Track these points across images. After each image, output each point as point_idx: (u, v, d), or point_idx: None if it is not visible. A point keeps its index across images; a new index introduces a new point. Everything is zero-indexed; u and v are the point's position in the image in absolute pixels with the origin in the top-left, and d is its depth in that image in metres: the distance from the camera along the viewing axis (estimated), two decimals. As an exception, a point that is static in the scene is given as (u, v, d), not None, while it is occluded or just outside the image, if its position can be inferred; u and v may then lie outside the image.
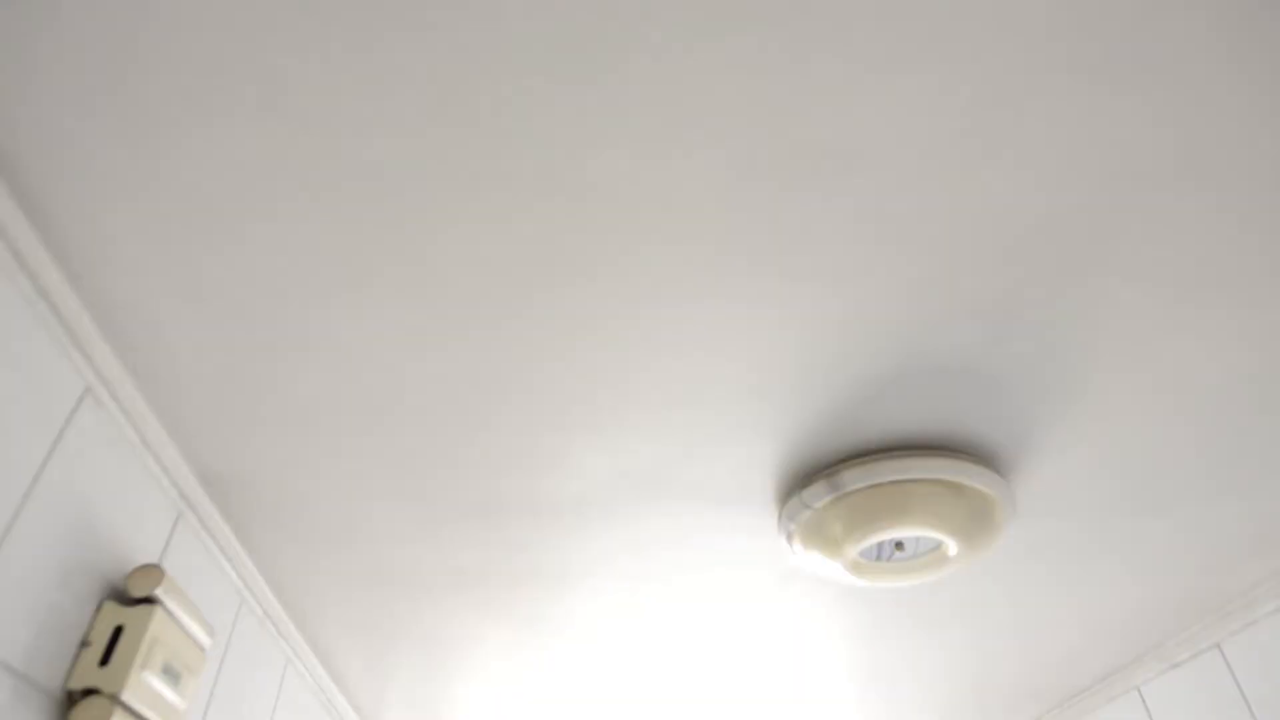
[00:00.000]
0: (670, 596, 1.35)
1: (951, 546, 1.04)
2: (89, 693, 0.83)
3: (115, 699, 0.82)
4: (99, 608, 0.88)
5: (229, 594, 1.21)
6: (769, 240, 0.74)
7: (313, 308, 0.81)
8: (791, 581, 1.30)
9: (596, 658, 1.59)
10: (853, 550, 1.04)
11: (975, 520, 1.02)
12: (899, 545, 1.06)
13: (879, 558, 1.09)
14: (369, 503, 1.11)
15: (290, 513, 1.13)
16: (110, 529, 0.91)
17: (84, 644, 0.85)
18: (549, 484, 1.06)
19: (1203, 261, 0.79)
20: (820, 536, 1.06)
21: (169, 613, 0.91)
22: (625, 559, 1.24)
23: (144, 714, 0.87)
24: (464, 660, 1.63)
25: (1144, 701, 1.72)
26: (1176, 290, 0.82)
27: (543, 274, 0.77)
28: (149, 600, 0.89)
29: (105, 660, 0.84)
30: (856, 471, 0.97)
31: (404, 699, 1.84)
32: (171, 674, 0.92)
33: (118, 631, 0.86)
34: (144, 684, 0.86)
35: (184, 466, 1.03)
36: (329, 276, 0.77)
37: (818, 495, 0.99)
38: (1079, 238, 0.75)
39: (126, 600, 0.90)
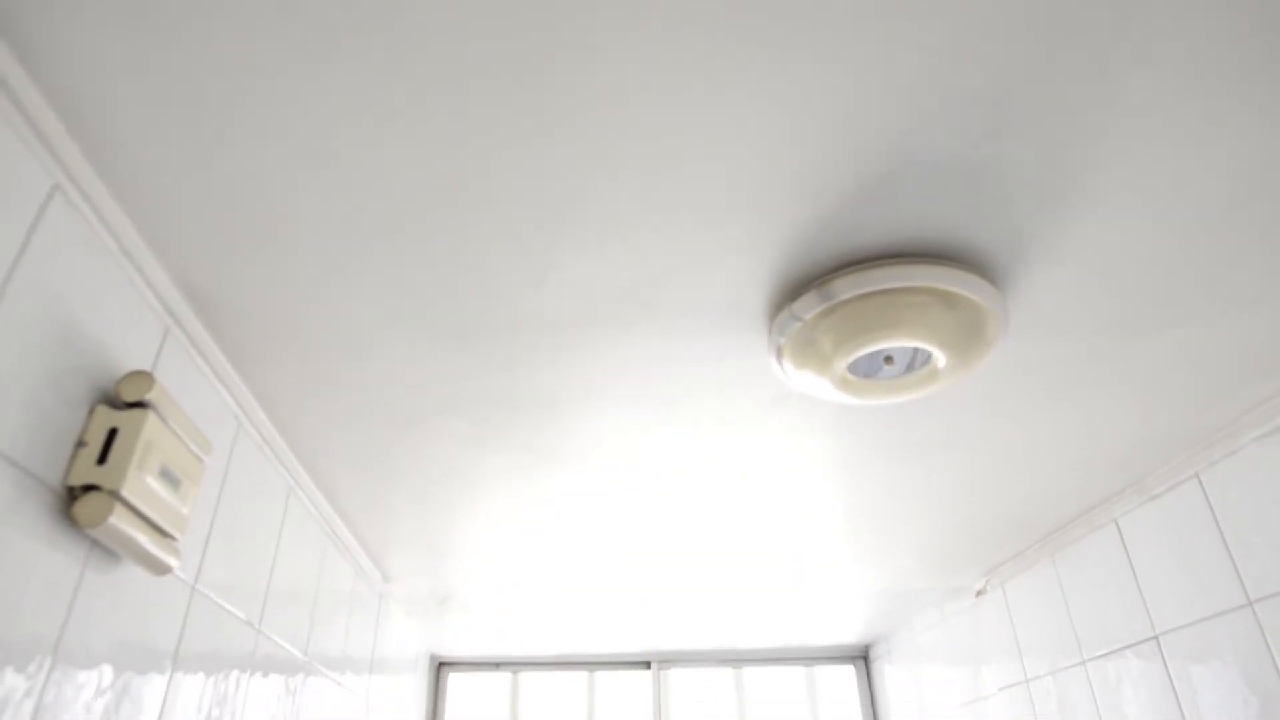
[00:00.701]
0: (662, 423, 1.37)
1: (941, 359, 1.04)
2: (89, 489, 0.85)
3: (115, 495, 0.84)
4: (91, 411, 0.89)
5: (225, 417, 1.23)
6: (765, 17, 0.70)
7: (288, 104, 0.77)
8: (782, 405, 1.31)
9: (591, 488, 1.64)
10: (842, 364, 1.05)
11: (966, 333, 1.01)
12: (888, 359, 1.06)
13: (868, 375, 1.10)
14: (361, 326, 1.10)
15: (283, 336, 1.12)
16: (97, 337, 0.91)
17: (80, 444, 0.86)
18: (539, 302, 1.05)
19: (1220, 53, 0.75)
20: (810, 352, 1.06)
21: (162, 419, 0.92)
22: (616, 384, 1.25)
23: (146, 512, 0.89)
24: (464, 497, 1.67)
25: (1120, 533, 1.79)
26: (1188, 83, 0.78)
27: (521, 71, 0.73)
28: (141, 405, 0.90)
29: (102, 460, 0.86)
30: (848, 280, 0.96)
31: (408, 538, 1.91)
32: (170, 479, 0.94)
33: (112, 434, 0.88)
34: (143, 484, 0.88)
35: (168, 281, 1.02)
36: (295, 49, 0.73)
37: (808, 306, 0.99)
38: (1096, 8, 0.71)
39: (118, 405, 0.91)
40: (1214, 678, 1.52)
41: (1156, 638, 1.67)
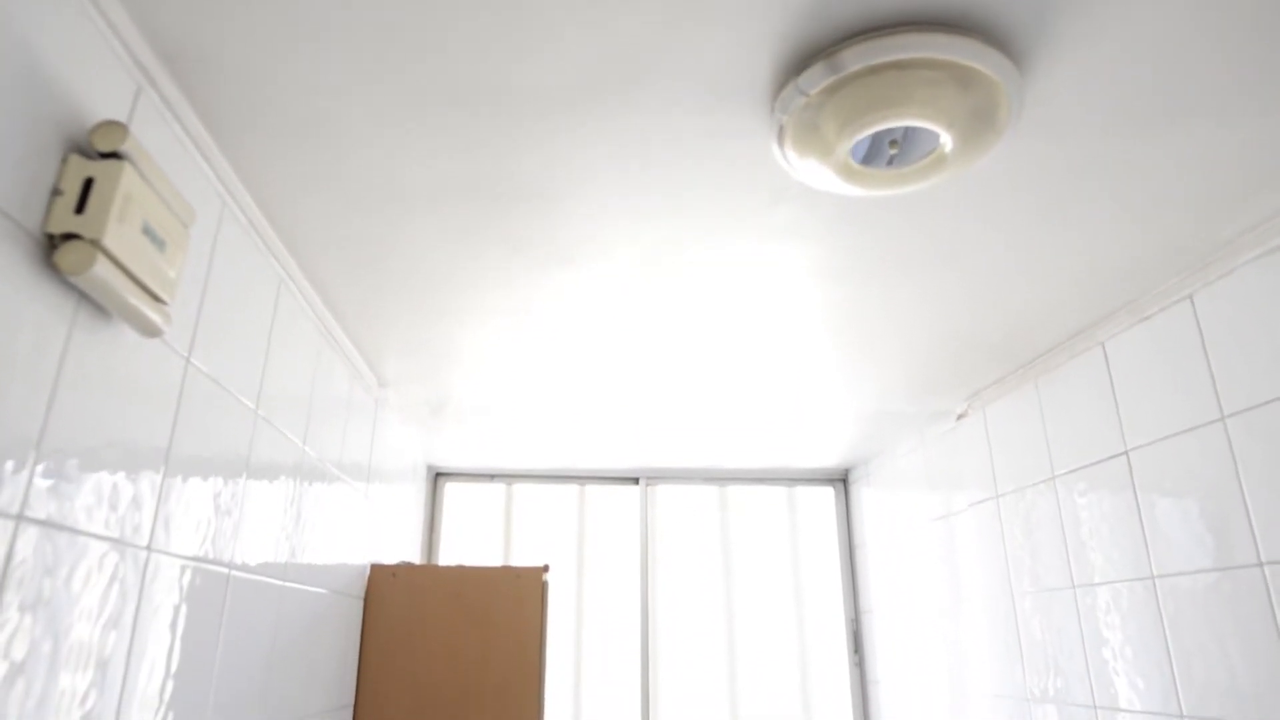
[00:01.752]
0: (656, 215, 1.34)
1: (949, 144, 1.01)
2: (69, 238, 0.83)
3: (97, 244, 0.83)
4: (65, 160, 0.85)
5: (209, 196, 1.19)
6: None
7: None
8: (780, 201, 1.28)
9: (583, 290, 1.63)
10: (846, 147, 1.01)
11: (978, 116, 0.97)
12: (893, 144, 1.02)
13: (871, 164, 1.06)
14: (344, 91, 1.05)
15: (260, 101, 1.07)
16: (67, 89, 0.86)
17: (56, 192, 0.84)
18: (529, 69, 1.00)
19: None
20: (814, 137, 1.02)
21: (140, 174, 0.89)
22: (609, 169, 1.21)
23: (131, 268, 0.88)
24: (457, 297, 1.67)
25: (1106, 357, 1.81)
26: None
27: None
28: (116, 156, 0.87)
29: (80, 210, 0.84)
30: (859, 50, 0.90)
31: (402, 342, 1.93)
32: (154, 239, 0.92)
33: (89, 185, 0.85)
34: (126, 238, 0.86)
35: (138, 36, 0.95)
36: None
37: (815, 79, 0.94)
38: None
39: (92, 155, 0.87)
40: (1178, 491, 1.59)
41: (1126, 454, 1.73)
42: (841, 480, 3.48)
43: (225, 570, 1.29)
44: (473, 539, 3.29)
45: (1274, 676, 1.36)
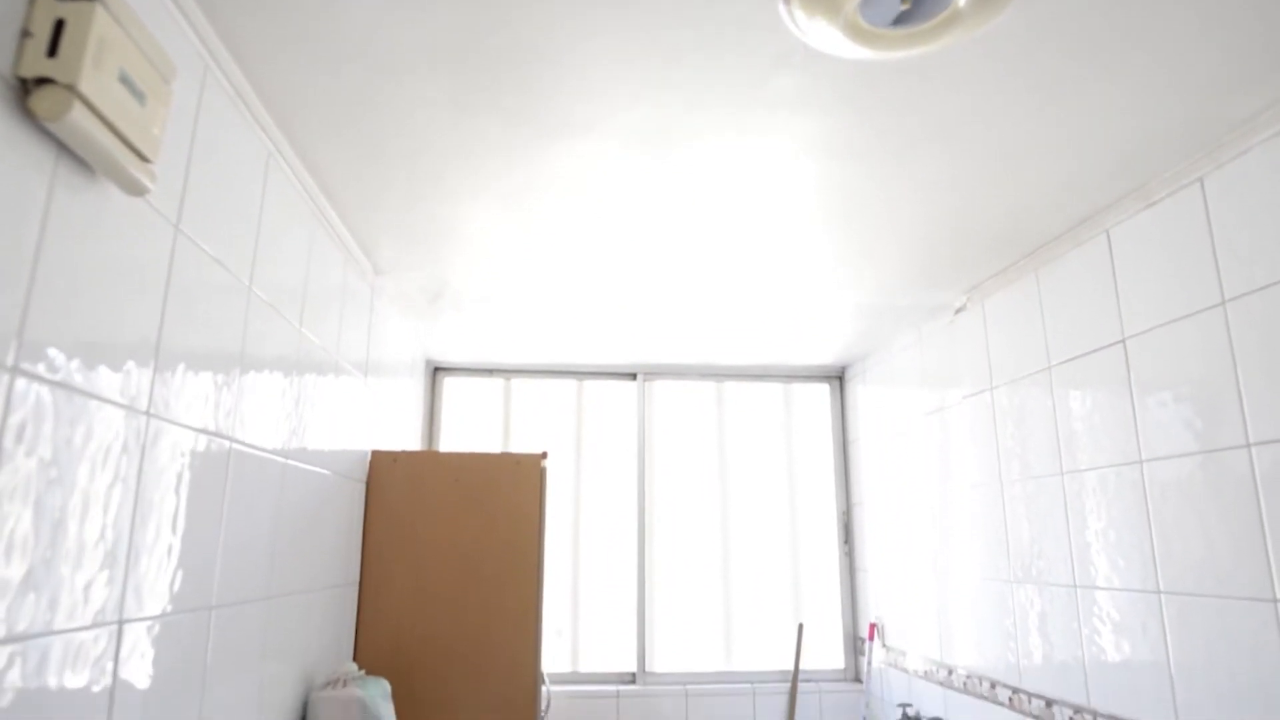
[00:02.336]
0: (654, 85, 1.30)
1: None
2: (43, 82, 0.80)
3: (73, 89, 0.80)
4: (32, 1, 0.81)
5: (190, 59, 1.14)
6: None
7: None
8: (782, 68, 1.23)
9: (579, 166, 1.59)
10: (855, 2, 0.96)
11: (994, -34, 0.92)
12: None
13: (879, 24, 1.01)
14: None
15: (238, -48, 1.01)
16: (26, -82, 0.81)
17: (25, 34, 0.80)
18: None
19: None
20: (821, -10, 0.97)
21: (114, 19, 0.85)
22: (609, 31, 1.16)
23: (111, 118, 0.85)
24: (451, 174, 1.63)
25: (1110, 245, 1.79)
26: None
27: None
28: (86, -3, 0.83)
29: (53, 53, 0.80)
30: (873, -113, 0.85)
31: (396, 223, 1.90)
32: (133, 90, 0.89)
33: (60, 28, 0.81)
34: (102, 84, 0.83)
35: None
36: None
37: (825, -78, 0.88)
38: None
39: (61, -3, 0.83)
40: (1171, 377, 1.59)
41: (1123, 341, 1.73)
42: (838, 378, 3.50)
43: (226, 442, 1.31)
44: (472, 433, 3.34)
45: (1252, 550, 1.40)
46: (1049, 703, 1.95)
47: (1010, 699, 2.12)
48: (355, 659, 2.10)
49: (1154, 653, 1.62)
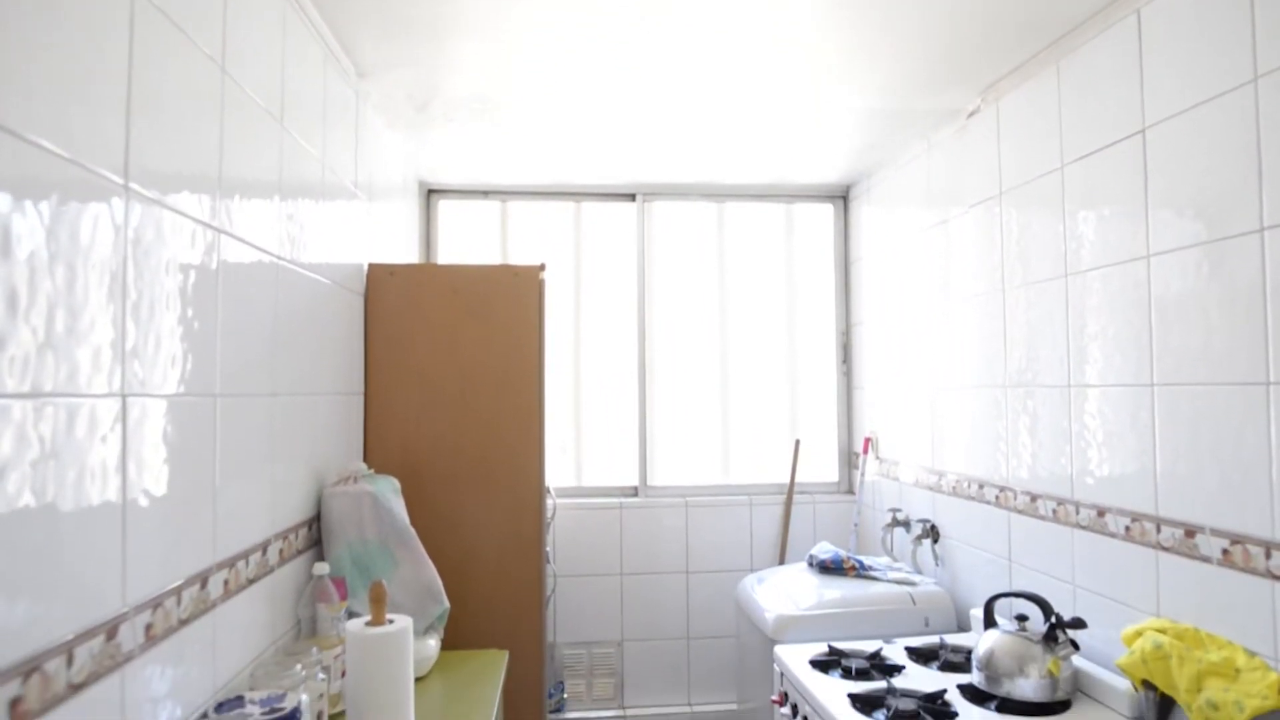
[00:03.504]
0: None
1: None
2: None
3: None
4: None
5: None
6: None
7: None
8: None
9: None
10: None
11: None
12: None
13: None
14: None
15: None
16: None
17: None
18: None
19: None
20: None
21: None
22: None
23: None
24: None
25: (1139, 26, 1.68)
26: None
27: None
28: None
29: None
30: None
31: (381, 15, 1.77)
32: None
33: None
34: None
35: None
36: None
37: None
38: None
39: None
40: (1189, 163, 1.53)
41: (1143, 131, 1.66)
42: (841, 197, 3.42)
43: (214, 231, 1.27)
44: (468, 256, 3.30)
45: (1251, 338, 1.40)
46: (1034, 497, 2.03)
47: (997, 497, 2.20)
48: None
49: (1140, 443, 1.66)
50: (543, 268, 2.27)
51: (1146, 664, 1.53)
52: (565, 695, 3.16)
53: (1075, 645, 1.71)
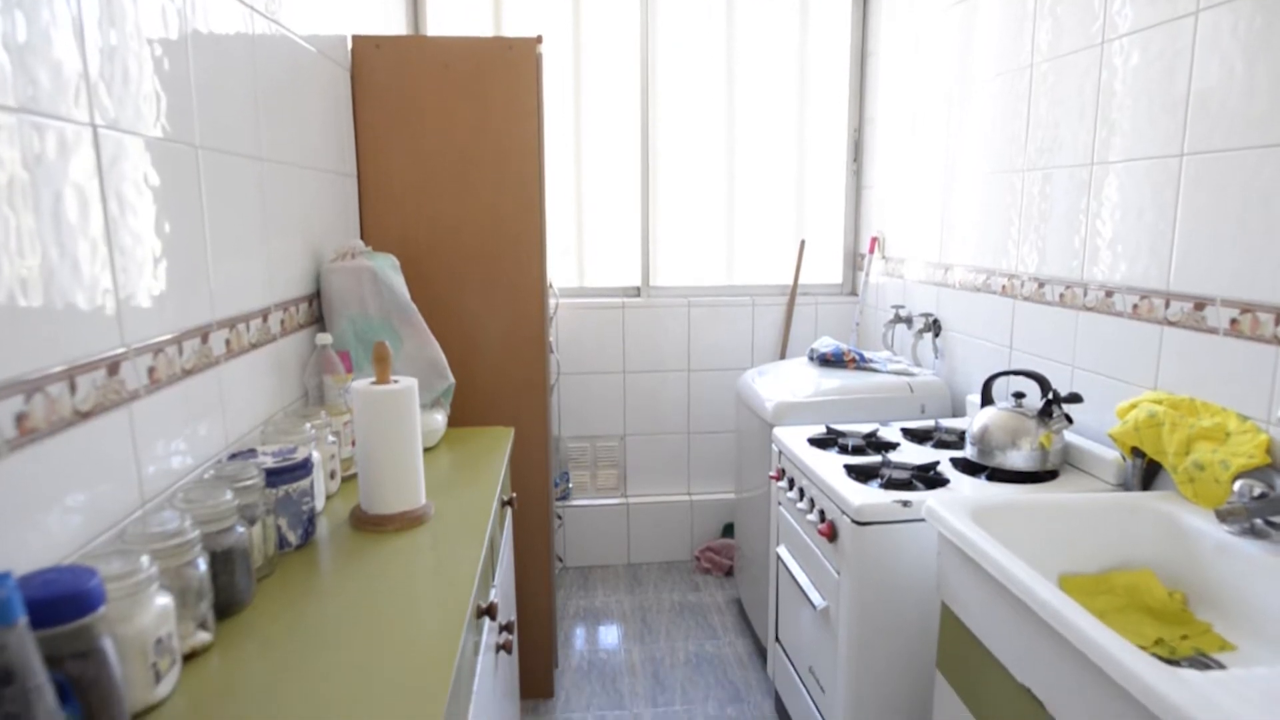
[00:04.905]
0: None
1: None
2: None
3: None
4: None
5: None
6: None
7: None
8: None
9: None
10: None
11: None
12: None
13: None
14: None
15: None
16: None
17: None
18: None
19: None
20: None
21: None
22: None
23: None
24: None
25: None
26: None
27: None
28: None
29: None
30: None
31: None
32: None
33: None
34: None
35: None
36: None
37: None
38: None
39: None
40: (1258, -105, 1.37)
41: None
42: (862, -24, 3.15)
43: (175, -40, 1.16)
44: (458, 27, 3.07)
45: (1297, 92, 1.31)
46: (1041, 284, 2.01)
47: (1003, 286, 2.18)
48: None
49: (1160, 218, 1.60)
50: (539, 40, 2.11)
51: (1138, 431, 1.56)
52: (570, 485, 3.31)
53: (1069, 419, 1.74)
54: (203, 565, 0.93)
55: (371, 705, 0.81)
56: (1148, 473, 1.61)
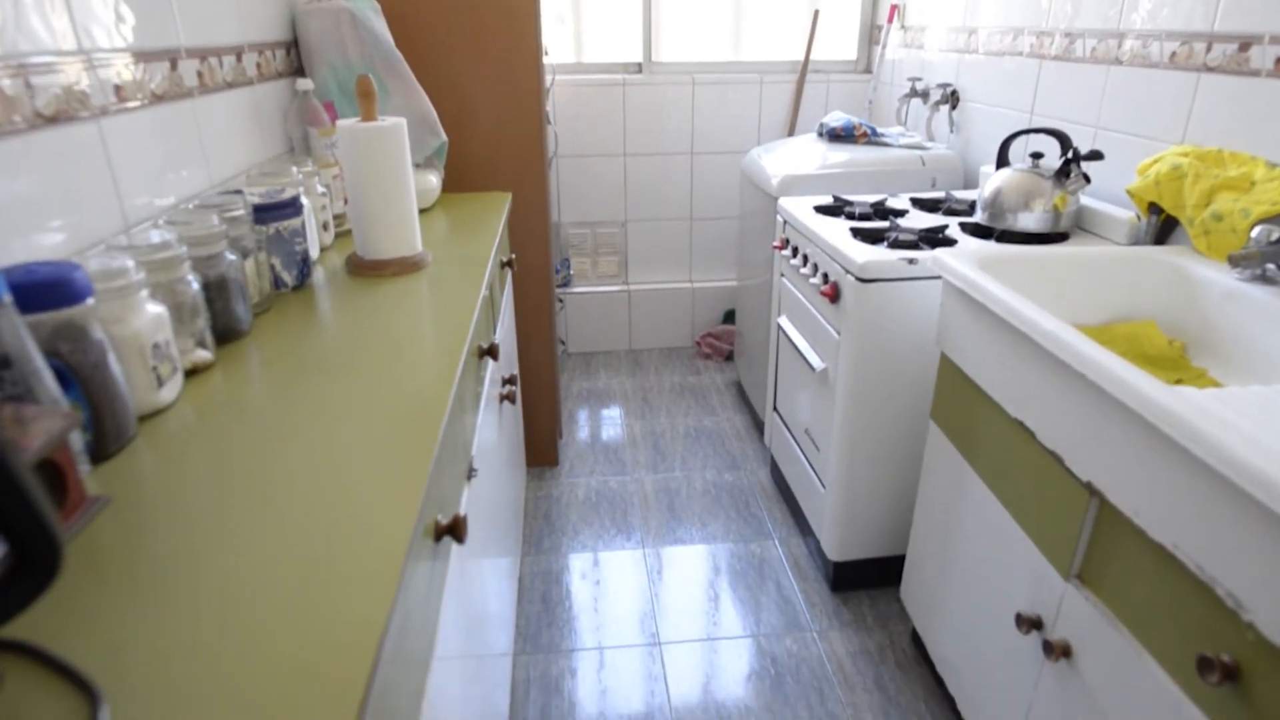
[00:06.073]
0: None
1: None
2: None
3: None
4: None
5: None
6: None
7: None
8: None
9: None
10: None
11: None
12: None
13: None
14: None
15: None
16: None
17: None
18: None
19: None
20: None
21: None
22: None
23: None
24: None
25: None
26: None
27: None
28: None
29: None
30: None
31: None
32: None
33: None
34: None
35: None
36: None
37: None
38: None
39: None
40: None
41: None
42: None
43: None
44: None
45: None
46: (1072, 39, 1.86)
47: (1031, 45, 2.03)
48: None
49: (1216, -54, 1.45)
50: None
51: (1159, 185, 1.50)
52: (571, 272, 3.29)
53: (1087, 179, 1.67)
54: (195, 284, 0.92)
55: (375, 420, 0.82)
56: (1161, 231, 1.56)
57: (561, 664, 1.75)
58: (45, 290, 0.68)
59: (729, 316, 3.35)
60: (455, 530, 0.79)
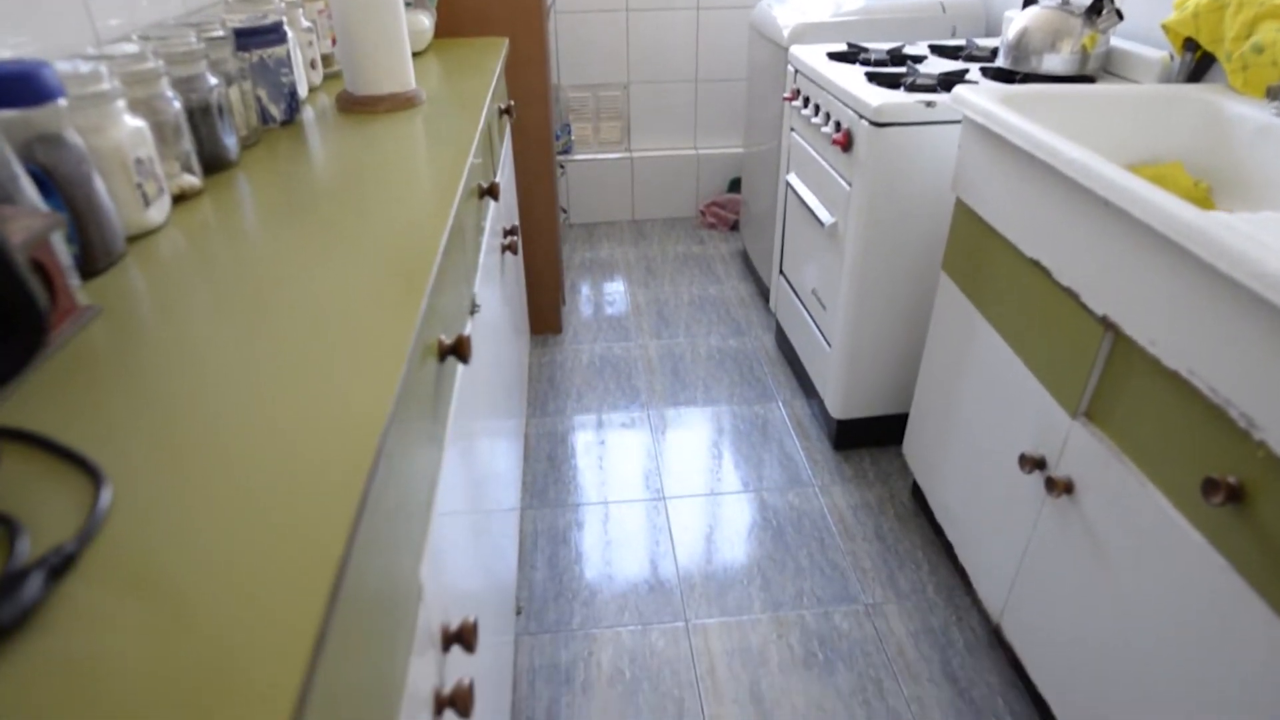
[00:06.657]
0: None
1: None
2: None
3: None
4: None
5: None
6: None
7: None
8: None
9: None
10: None
11: None
12: None
13: None
14: None
15: None
16: None
17: None
18: None
19: None
20: None
21: None
22: None
23: None
24: None
25: None
26: None
27: None
28: None
29: None
30: None
31: None
32: None
33: None
34: None
35: None
36: None
37: None
38: None
39: None
40: None
41: None
42: None
43: None
44: None
45: None
46: None
47: None
48: None
49: None
50: None
51: (1197, 18, 1.41)
52: (572, 138, 3.18)
53: (1120, 15, 1.57)
54: (176, 103, 0.87)
55: (373, 241, 0.79)
56: (1195, 70, 1.48)
57: (568, 517, 1.79)
58: (10, 84, 0.64)
59: (734, 185, 3.26)
60: (459, 349, 0.78)
